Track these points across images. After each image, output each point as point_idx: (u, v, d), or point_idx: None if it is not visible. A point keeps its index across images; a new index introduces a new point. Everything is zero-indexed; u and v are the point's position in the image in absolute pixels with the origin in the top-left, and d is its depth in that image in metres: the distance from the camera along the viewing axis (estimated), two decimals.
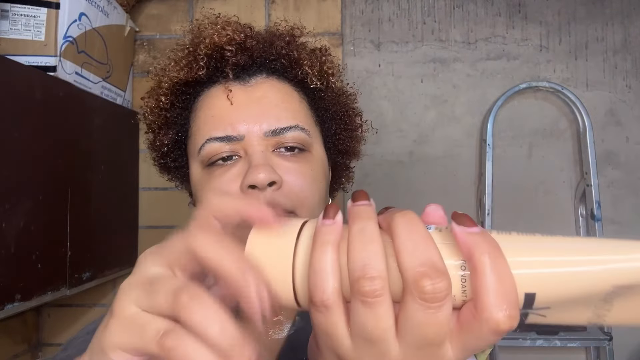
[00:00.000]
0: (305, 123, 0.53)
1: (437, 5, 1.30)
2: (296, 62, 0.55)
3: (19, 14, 0.83)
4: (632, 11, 1.28)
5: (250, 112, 0.51)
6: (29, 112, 0.76)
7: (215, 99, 0.53)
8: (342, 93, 0.61)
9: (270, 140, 0.51)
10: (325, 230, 0.27)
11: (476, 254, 0.25)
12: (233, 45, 0.53)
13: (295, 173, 0.50)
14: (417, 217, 0.27)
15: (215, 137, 0.51)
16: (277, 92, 0.54)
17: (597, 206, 1.20)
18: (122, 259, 1.14)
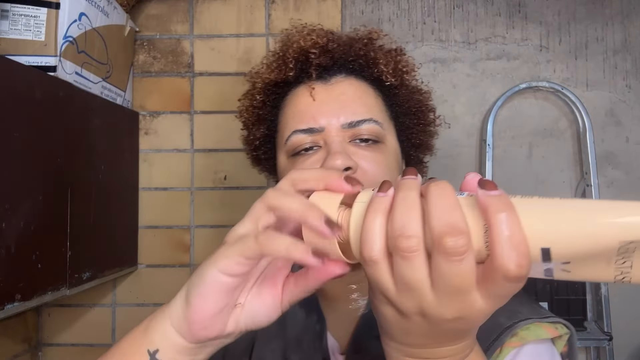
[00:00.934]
0: (379, 117, 0.59)
1: (437, 5, 1.30)
2: (373, 61, 0.61)
3: (19, 14, 0.83)
4: (632, 11, 1.28)
5: (330, 107, 0.57)
6: (29, 112, 0.76)
7: (301, 96, 0.60)
8: (416, 90, 0.66)
9: (347, 131, 0.56)
10: (377, 200, 0.33)
11: (490, 211, 0.29)
12: (317, 48, 0.60)
13: (370, 160, 0.56)
14: (448, 185, 0.31)
15: (299, 129, 0.57)
16: (354, 90, 0.59)
17: None
18: (122, 259, 1.14)
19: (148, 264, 1.23)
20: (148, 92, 1.25)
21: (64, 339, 1.22)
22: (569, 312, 1.21)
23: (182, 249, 1.23)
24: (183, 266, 1.23)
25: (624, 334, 1.20)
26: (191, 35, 1.26)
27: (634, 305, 1.24)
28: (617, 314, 1.20)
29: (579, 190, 1.26)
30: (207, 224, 1.24)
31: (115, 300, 1.23)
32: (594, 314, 1.22)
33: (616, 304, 1.20)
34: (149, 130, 1.25)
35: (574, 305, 1.22)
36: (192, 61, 1.25)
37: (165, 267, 1.23)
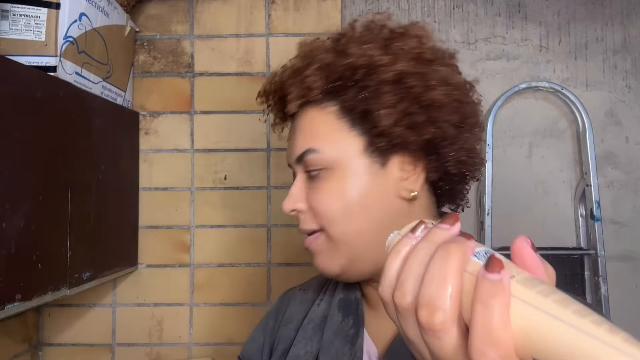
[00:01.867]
0: (322, 141, 0.57)
1: (437, 5, 1.30)
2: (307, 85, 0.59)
3: (19, 14, 0.83)
4: (632, 11, 1.28)
5: (290, 144, 0.61)
6: (29, 112, 0.76)
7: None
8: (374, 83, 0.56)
9: (300, 165, 0.59)
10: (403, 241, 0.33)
11: (477, 296, 0.26)
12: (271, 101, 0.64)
13: (317, 193, 0.56)
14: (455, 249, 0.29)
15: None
16: (303, 121, 0.60)
17: (596, 206, 1.20)
18: (122, 259, 1.14)
19: (148, 264, 1.23)
20: (148, 92, 1.25)
21: (64, 339, 1.22)
22: None
23: (182, 249, 1.23)
24: (183, 266, 1.23)
25: None
26: (191, 36, 1.26)
27: (634, 306, 1.24)
28: (617, 314, 1.20)
29: (578, 190, 1.26)
30: (207, 224, 1.24)
31: (116, 300, 1.23)
32: None
33: (616, 304, 1.20)
34: (149, 130, 1.25)
35: None
36: (192, 61, 1.25)
37: (165, 267, 1.23)
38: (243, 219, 1.23)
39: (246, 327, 1.21)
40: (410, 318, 0.29)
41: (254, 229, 1.23)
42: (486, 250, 0.30)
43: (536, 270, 0.28)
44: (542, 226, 1.27)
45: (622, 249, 1.25)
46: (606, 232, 1.22)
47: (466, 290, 0.28)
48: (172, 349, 1.22)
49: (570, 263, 1.24)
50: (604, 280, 1.19)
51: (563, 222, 1.27)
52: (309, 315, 0.65)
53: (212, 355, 1.22)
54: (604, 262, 1.20)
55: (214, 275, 1.23)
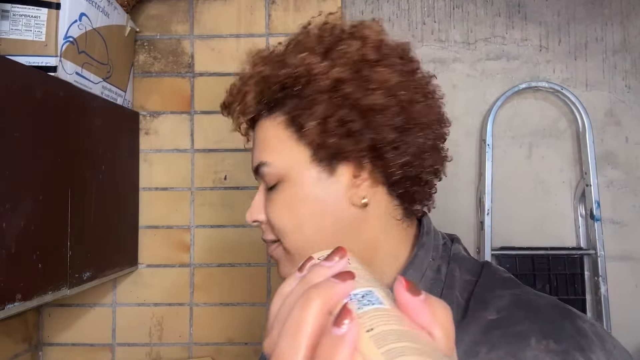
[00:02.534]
0: (271, 153, 0.56)
1: (436, 5, 1.30)
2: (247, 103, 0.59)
3: (19, 14, 0.83)
4: (632, 11, 1.28)
5: (251, 156, 0.60)
6: (29, 112, 0.76)
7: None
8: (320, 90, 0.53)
9: (259, 177, 0.59)
10: (288, 281, 0.32)
11: (318, 355, 0.24)
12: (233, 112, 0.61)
13: (271, 207, 0.56)
14: (315, 295, 0.26)
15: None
16: (258, 132, 0.59)
17: (596, 206, 1.20)
18: (122, 259, 1.15)
19: (148, 264, 1.23)
20: (148, 92, 1.25)
21: (64, 339, 1.22)
22: None
23: (182, 249, 1.23)
24: (183, 266, 1.23)
25: (623, 334, 1.20)
26: (191, 36, 1.26)
27: (633, 305, 1.24)
28: (617, 314, 1.20)
29: (578, 190, 1.26)
30: (207, 224, 1.24)
31: (116, 300, 1.23)
32: (593, 313, 1.23)
33: (615, 304, 1.20)
34: (149, 130, 1.25)
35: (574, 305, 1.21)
36: (192, 61, 1.25)
37: (165, 267, 1.23)
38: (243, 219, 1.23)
39: (246, 327, 1.21)
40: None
41: (254, 229, 1.23)
42: (366, 291, 0.28)
43: (416, 316, 0.26)
44: (542, 226, 1.27)
45: (622, 249, 1.25)
46: (606, 232, 1.22)
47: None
48: (172, 349, 1.22)
49: (570, 263, 1.24)
50: (604, 280, 1.19)
51: (563, 222, 1.28)
52: None
53: (212, 355, 1.22)
54: (603, 262, 1.20)
55: (214, 275, 1.23)
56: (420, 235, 0.57)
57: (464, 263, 0.56)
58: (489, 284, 0.51)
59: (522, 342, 0.43)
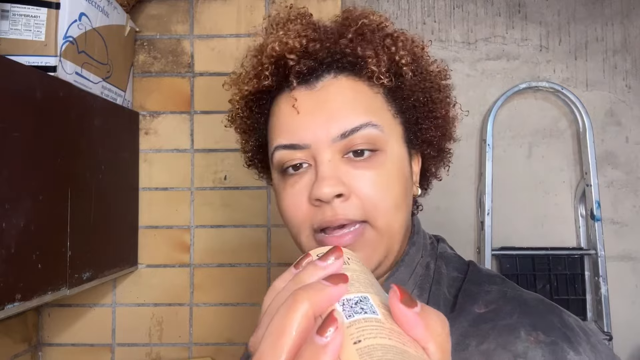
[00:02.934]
0: (379, 118, 0.51)
1: (437, 5, 1.30)
2: (362, 59, 0.52)
3: (19, 14, 0.83)
4: (632, 11, 1.28)
5: (316, 119, 0.50)
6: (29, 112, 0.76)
7: (283, 106, 0.53)
8: (423, 78, 0.55)
9: (339, 145, 0.49)
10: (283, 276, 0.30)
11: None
12: (294, 52, 0.52)
13: (366, 181, 0.49)
14: (302, 298, 0.25)
15: (282, 144, 0.51)
16: (345, 92, 0.51)
17: (596, 206, 1.20)
18: (122, 259, 1.14)
19: (148, 264, 1.23)
20: (148, 92, 1.25)
21: (64, 339, 1.22)
22: None
23: (182, 249, 1.23)
24: (183, 266, 1.23)
25: (623, 334, 1.20)
26: (191, 35, 1.26)
27: (634, 305, 1.24)
28: (617, 314, 1.20)
29: (578, 190, 1.26)
30: (207, 224, 1.24)
31: (115, 300, 1.23)
32: (594, 313, 1.23)
33: (616, 304, 1.20)
34: (149, 130, 1.25)
35: (574, 305, 1.22)
36: (192, 61, 1.25)
37: (165, 267, 1.23)
38: (243, 219, 1.23)
39: (246, 327, 1.21)
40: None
41: (254, 229, 1.23)
42: (361, 297, 0.26)
43: (410, 329, 0.25)
44: (542, 226, 1.27)
45: (622, 249, 1.25)
46: (606, 232, 1.22)
47: None
48: (172, 349, 1.22)
49: (570, 263, 1.24)
50: (604, 280, 1.19)
51: (563, 222, 1.27)
52: None
53: (212, 355, 1.22)
54: (604, 262, 1.20)
55: (214, 275, 1.23)
56: (412, 233, 0.57)
57: (450, 261, 0.57)
58: (476, 280, 0.53)
59: (512, 334, 0.44)
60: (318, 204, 0.48)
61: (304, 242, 0.52)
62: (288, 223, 0.53)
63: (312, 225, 0.50)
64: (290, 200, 0.51)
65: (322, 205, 0.48)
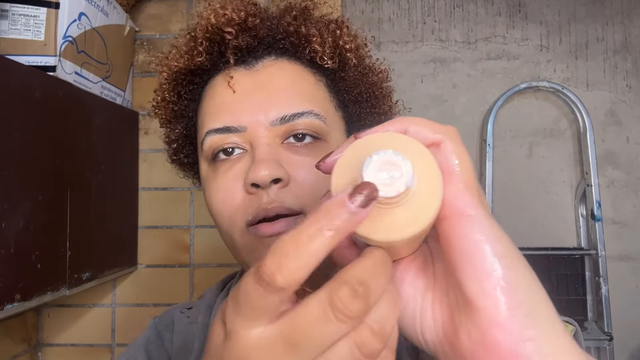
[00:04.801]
0: (321, 108, 0.47)
1: (437, 5, 1.29)
2: (305, 39, 0.49)
3: (18, 13, 0.83)
4: (632, 11, 1.28)
5: (254, 99, 0.45)
6: (29, 112, 0.76)
7: (218, 87, 0.48)
8: (368, 71, 0.53)
9: (278, 129, 0.45)
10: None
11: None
12: (233, 26, 0.47)
13: (307, 167, 0.44)
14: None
15: (214, 128, 0.46)
16: (286, 75, 0.48)
17: (597, 206, 1.20)
18: (122, 259, 1.14)
19: (148, 264, 1.23)
20: (148, 92, 1.25)
21: (64, 339, 1.22)
22: (569, 313, 1.21)
23: (182, 249, 1.23)
24: (183, 266, 1.23)
25: (624, 334, 1.20)
26: None
27: (634, 306, 1.24)
28: (617, 314, 1.20)
29: (579, 190, 1.26)
30: (207, 224, 1.24)
31: (115, 300, 1.23)
32: (594, 314, 1.22)
33: (616, 304, 1.20)
34: (149, 130, 1.24)
35: (574, 305, 1.22)
36: None
37: (165, 267, 1.23)
38: None
39: None
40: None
41: None
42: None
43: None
44: (543, 226, 1.27)
45: (622, 249, 1.25)
46: (607, 232, 1.22)
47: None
48: None
49: (570, 263, 1.24)
50: (605, 281, 1.19)
51: (564, 222, 1.27)
52: None
53: None
54: (604, 262, 1.20)
55: (214, 275, 1.23)
56: None
57: None
58: None
59: None
60: (254, 190, 0.43)
61: (237, 239, 0.46)
62: (218, 217, 0.47)
63: (245, 217, 0.44)
64: (222, 189, 0.45)
65: (258, 192, 0.43)
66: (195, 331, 0.55)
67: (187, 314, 0.58)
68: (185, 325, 0.57)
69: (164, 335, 0.57)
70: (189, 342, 0.54)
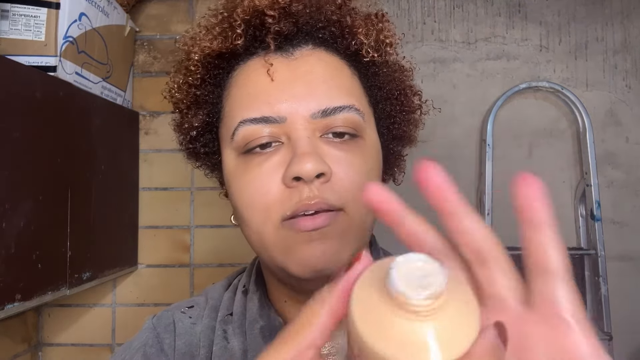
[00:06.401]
0: (360, 103, 0.46)
1: (437, 5, 1.30)
2: (349, 30, 0.47)
3: (19, 14, 0.83)
4: (632, 11, 1.28)
5: (295, 90, 0.43)
6: (29, 112, 0.76)
7: (253, 73, 0.46)
8: (398, 68, 0.52)
9: (318, 123, 0.43)
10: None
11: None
12: (276, 10, 0.45)
13: (346, 164, 0.43)
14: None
15: (250, 118, 0.43)
16: (325, 66, 0.46)
17: (597, 206, 1.20)
18: (122, 259, 1.14)
19: (148, 264, 1.23)
20: (148, 92, 1.25)
21: (64, 339, 1.22)
22: None
23: (182, 249, 1.23)
24: (183, 266, 1.23)
25: (623, 334, 1.20)
26: None
27: (634, 305, 1.24)
28: (617, 314, 1.20)
29: (578, 190, 1.26)
30: (207, 224, 1.24)
31: (115, 300, 1.23)
32: (593, 314, 1.23)
33: (616, 304, 1.20)
34: (149, 130, 1.25)
35: None
36: None
37: (165, 267, 1.23)
38: None
39: None
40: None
41: None
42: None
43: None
44: None
45: (622, 249, 1.25)
46: (606, 232, 1.22)
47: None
48: None
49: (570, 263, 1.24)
50: (604, 281, 1.19)
51: (563, 222, 1.27)
52: (216, 353, 0.49)
53: None
54: (604, 262, 1.20)
55: (214, 275, 1.23)
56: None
57: (385, 252, 0.56)
58: None
59: None
60: (295, 184, 0.41)
61: (268, 235, 0.43)
62: (249, 211, 0.44)
63: (282, 211, 0.42)
64: (255, 182, 0.43)
65: (299, 186, 0.41)
66: (199, 334, 0.51)
67: (188, 314, 0.53)
68: (188, 327, 0.52)
69: (164, 339, 0.52)
70: (193, 347, 0.50)
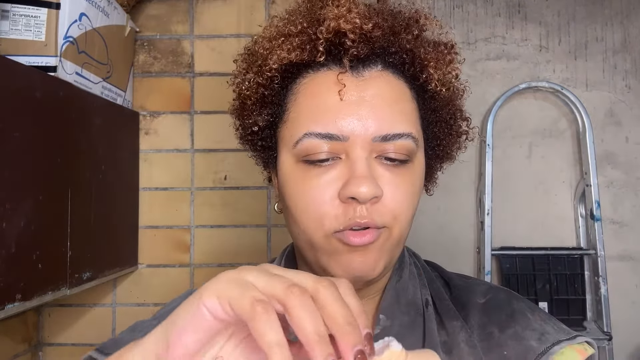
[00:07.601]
0: (416, 129, 0.48)
1: (437, 5, 1.30)
2: (420, 61, 0.49)
3: (19, 14, 0.83)
4: (632, 11, 1.28)
5: (361, 112, 0.46)
6: (29, 112, 0.76)
7: (324, 87, 0.48)
8: (453, 91, 0.53)
9: (377, 146, 0.46)
10: None
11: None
12: (357, 34, 0.47)
13: (395, 187, 0.46)
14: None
15: (315, 132, 0.46)
16: (391, 91, 0.48)
17: (596, 206, 1.20)
18: (122, 259, 1.14)
19: (148, 264, 1.23)
20: (148, 92, 1.25)
21: (64, 339, 1.22)
22: (569, 312, 1.21)
23: (182, 249, 1.23)
24: (183, 266, 1.23)
25: (623, 334, 1.21)
26: (191, 36, 1.26)
27: (634, 305, 1.24)
28: (617, 314, 1.20)
29: (578, 190, 1.26)
30: (207, 224, 1.24)
31: (116, 300, 1.23)
32: (593, 313, 1.23)
33: (616, 304, 1.20)
34: (149, 130, 1.25)
35: (574, 305, 1.22)
36: (192, 61, 1.25)
37: (165, 267, 1.23)
38: (243, 219, 1.23)
39: None
40: None
41: (253, 229, 1.23)
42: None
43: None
44: (542, 226, 1.27)
45: (622, 249, 1.25)
46: (606, 232, 1.22)
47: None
48: None
49: (570, 263, 1.24)
50: (604, 280, 1.19)
51: (563, 222, 1.28)
52: None
53: None
54: (603, 262, 1.20)
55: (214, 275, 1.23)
56: None
57: (419, 259, 0.60)
58: (455, 275, 0.58)
59: (524, 317, 0.50)
60: (350, 201, 0.45)
61: (318, 241, 0.47)
62: (303, 217, 0.47)
63: (336, 225, 0.46)
64: (313, 192, 0.46)
65: (353, 203, 0.45)
66: None
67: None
68: None
69: None
70: None
